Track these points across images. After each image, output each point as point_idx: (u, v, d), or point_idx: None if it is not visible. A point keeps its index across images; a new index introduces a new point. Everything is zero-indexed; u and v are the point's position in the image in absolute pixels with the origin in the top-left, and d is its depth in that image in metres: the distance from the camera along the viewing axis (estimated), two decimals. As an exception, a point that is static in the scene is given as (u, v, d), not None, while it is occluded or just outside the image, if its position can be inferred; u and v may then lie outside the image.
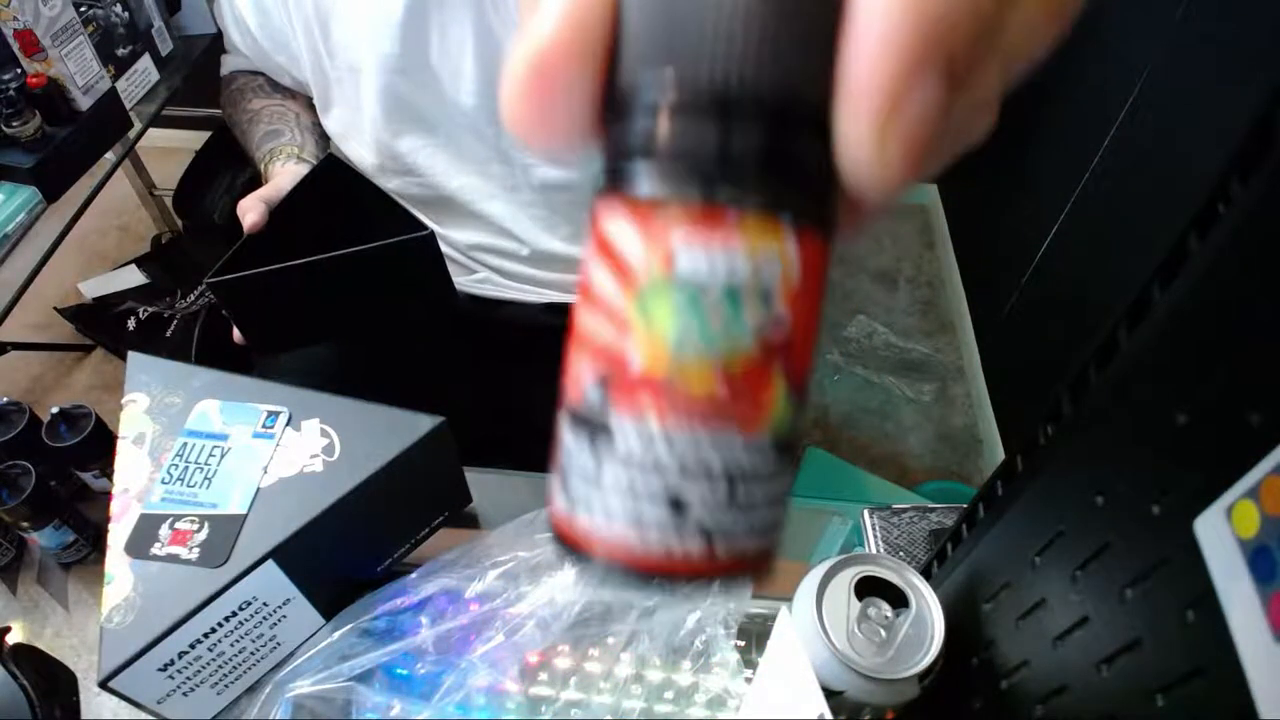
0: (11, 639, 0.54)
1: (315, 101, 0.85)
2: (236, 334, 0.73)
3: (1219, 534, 0.26)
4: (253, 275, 0.66)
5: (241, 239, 0.69)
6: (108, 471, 0.61)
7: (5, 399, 0.64)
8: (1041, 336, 1.46)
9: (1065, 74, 1.44)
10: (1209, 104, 1.02)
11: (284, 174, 0.78)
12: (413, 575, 0.56)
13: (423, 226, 0.69)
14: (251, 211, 0.70)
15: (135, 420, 0.56)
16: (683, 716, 0.53)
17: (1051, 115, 1.49)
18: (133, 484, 0.53)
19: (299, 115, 0.85)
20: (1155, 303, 0.31)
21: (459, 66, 0.76)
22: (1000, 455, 1.56)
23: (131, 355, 0.59)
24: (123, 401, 0.56)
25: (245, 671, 0.52)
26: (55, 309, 1.74)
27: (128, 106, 1.09)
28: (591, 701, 0.53)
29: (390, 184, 0.87)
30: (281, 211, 0.71)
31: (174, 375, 0.58)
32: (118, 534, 0.51)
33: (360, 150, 0.84)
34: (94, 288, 1.77)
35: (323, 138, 0.88)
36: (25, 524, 0.59)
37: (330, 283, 0.70)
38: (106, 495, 0.53)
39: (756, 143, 0.15)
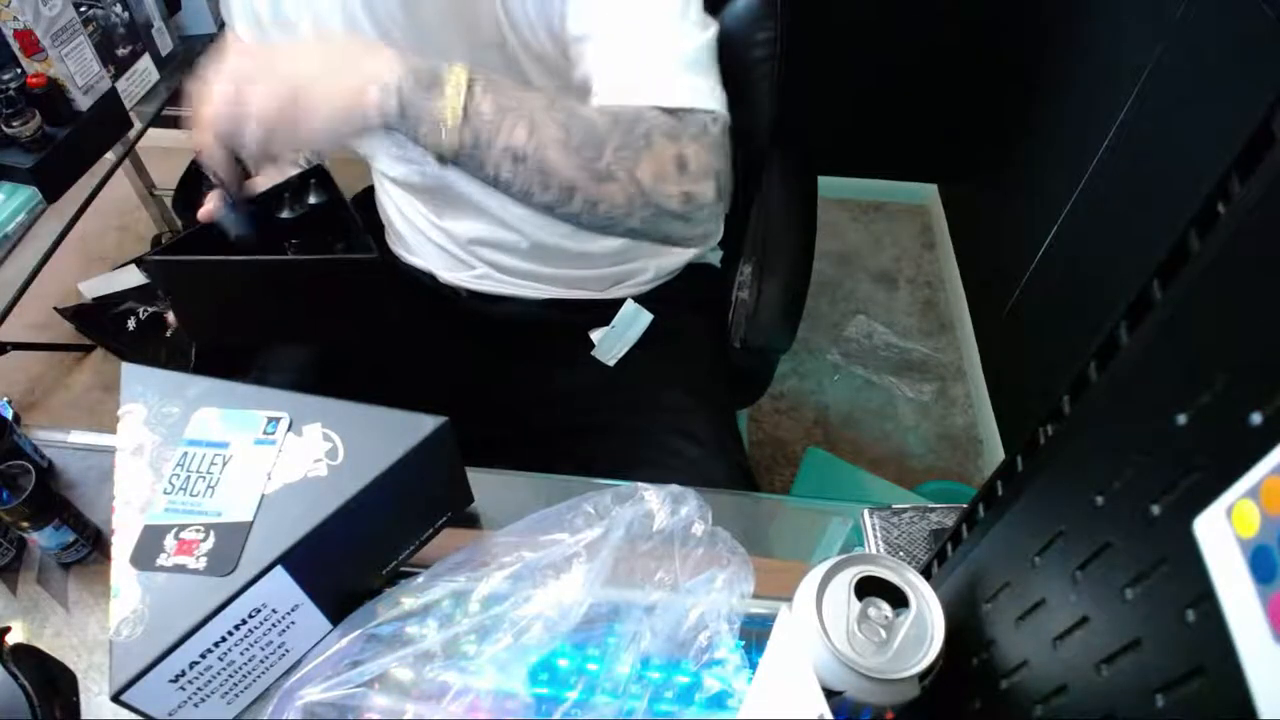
0: (11, 639, 0.54)
1: None
2: (171, 317, 0.73)
3: (1219, 534, 0.26)
4: (184, 261, 0.66)
5: (196, 226, 0.69)
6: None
7: (5, 398, 0.64)
8: (1041, 336, 1.46)
9: (1066, 74, 1.44)
10: (1209, 104, 1.02)
11: (268, 172, 0.78)
12: (419, 578, 0.56)
13: (375, 254, 0.69)
14: (211, 201, 0.70)
15: (133, 431, 0.55)
16: (683, 716, 0.53)
17: (1052, 115, 1.49)
18: (134, 496, 0.53)
19: None
20: (1155, 303, 0.31)
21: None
22: (1000, 455, 1.56)
23: (125, 366, 0.59)
24: (119, 414, 0.56)
25: (255, 679, 0.52)
26: (55, 309, 1.74)
27: (128, 106, 1.09)
28: (595, 702, 0.53)
29: (394, 172, 0.87)
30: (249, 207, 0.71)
31: (170, 385, 0.58)
32: (121, 546, 0.50)
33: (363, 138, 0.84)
34: (94, 288, 1.77)
35: None
36: (25, 524, 0.59)
37: (266, 285, 0.70)
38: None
39: None
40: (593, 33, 0.68)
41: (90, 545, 0.63)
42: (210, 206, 0.69)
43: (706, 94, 0.67)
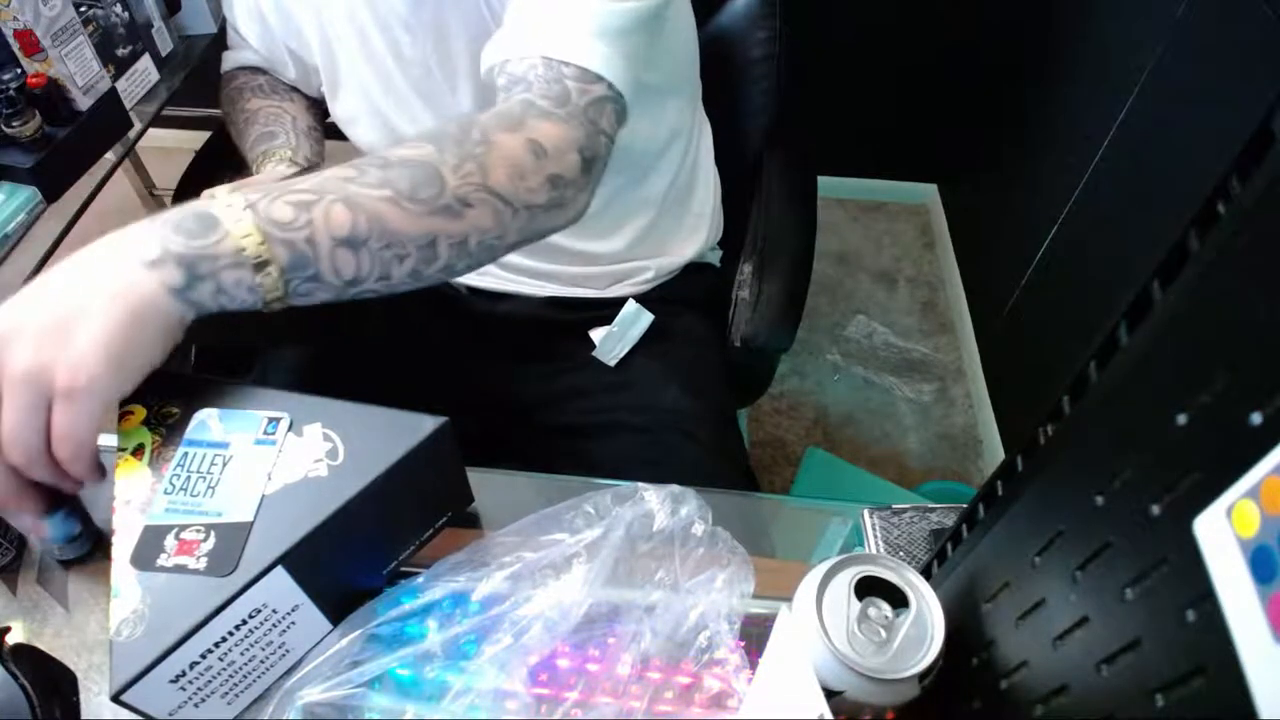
0: (11, 639, 0.54)
1: (324, 86, 0.85)
2: None
3: (1219, 534, 0.26)
4: None
5: None
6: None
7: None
8: (1041, 336, 1.46)
9: (1066, 74, 1.44)
10: (1209, 103, 1.02)
11: (265, 174, 0.78)
12: (419, 578, 0.56)
13: None
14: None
15: (133, 432, 0.55)
16: (683, 716, 0.53)
17: (1052, 115, 1.49)
18: (134, 496, 0.53)
19: (295, 119, 0.85)
20: (1155, 303, 0.31)
21: (456, 66, 0.76)
22: (1000, 455, 1.56)
23: None
24: (119, 413, 0.56)
25: (255, 680, 0.52)
26: (55, 309, 1.73)
27: (128, 106, 1.09)
28: (595, 702, 0.53)
29: None
30: None
31: (170, 385, 0.58)
32: (121, 547, 0.50)
33: (368, 134, 0.84)
34: (94, 288, 1.76)
35: (318, 142, 0.88)
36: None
37: None
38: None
39: None
40: None
41: (93, 542, 0.63)
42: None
43: (600, 60, 0.60)
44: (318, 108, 0.90)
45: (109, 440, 0.53)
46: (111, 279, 0.44)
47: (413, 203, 0.51)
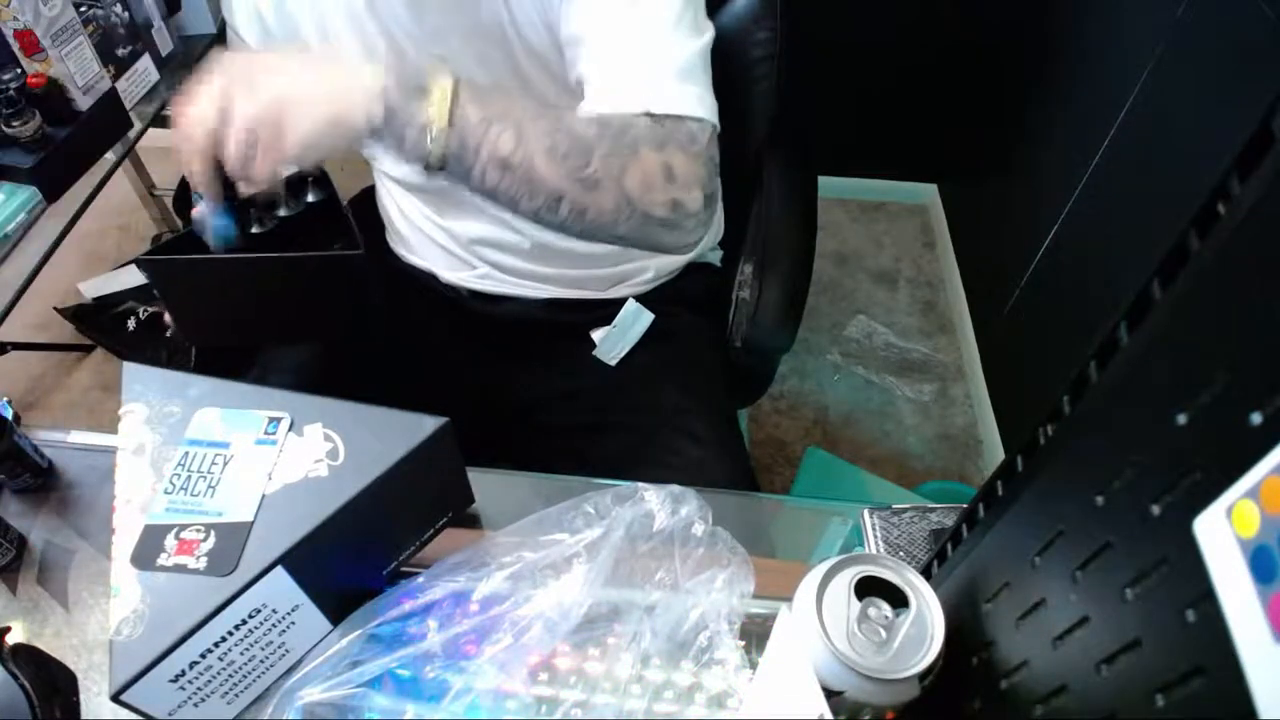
0: (11, 639, 0.54)
1: None
2: (167, 318, 0.72)
3: (1219, 534, 0.26)
4: (180, 260, 0.67)
5: (190, 226, 0.70)
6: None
7: (5, 398, 0.64)
8: (1041, 336, 1.46)
9: (1066, 74, 1.44)
10: (1209, 103, 1.02)
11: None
12: (419, 578, 0.56)
13: (360, 250, 0.69)
14: (197, 207, 0.70)
15: (134, 431, 0.55)
16: (683, 717, 0.53)
17: (1052, 115, 1.49)
18: (135, 495, 0.53)
19: None
20: (1155, 303, 0.31)
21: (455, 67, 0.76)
22: (1000, 455, 1.56)
23: (126, 366, 0.59)
24: (120, 413, 0.56)
25: (255, 680, 0.52)
26: (55, 309, 1.74)
27: (128, 106, 1.09)
28: (595, 702, 0.53)
29: (396, 171, 0.87)
30: (241, 208, 0.71)
31: (171, 384, 0.58)
32: (122, 546, 0.50)
33: None
34: (94, 288, 1.77)
35: None
36: None
37: (252, 284, 0.70)
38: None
39: None
40: (586, 35, 0.68)
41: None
42: (196, 212, 0.69)
43: (695, 101, 0.67)
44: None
45: (110, 440, 0.53)
46: (335, 89, 0.57)
47: (561, 161, 0.61)
